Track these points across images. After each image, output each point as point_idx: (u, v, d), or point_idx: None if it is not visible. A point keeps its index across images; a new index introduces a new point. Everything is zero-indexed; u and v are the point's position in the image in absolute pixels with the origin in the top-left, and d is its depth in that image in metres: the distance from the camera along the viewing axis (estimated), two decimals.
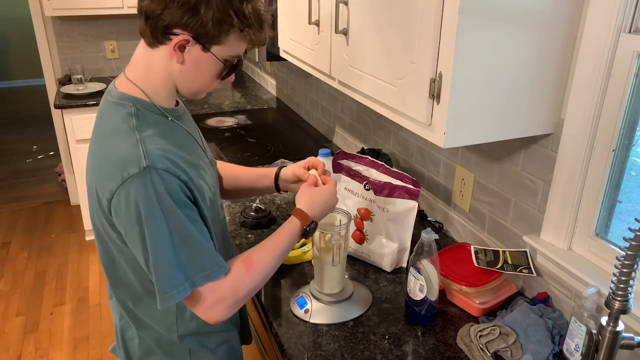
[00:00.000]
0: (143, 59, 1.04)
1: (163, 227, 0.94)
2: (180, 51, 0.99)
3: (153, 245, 0.95)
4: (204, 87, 1.07)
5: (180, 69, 1.02)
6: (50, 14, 3.32)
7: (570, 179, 1.23)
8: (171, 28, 0.97)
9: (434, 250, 1.23)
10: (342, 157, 1.59)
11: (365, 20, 1.32)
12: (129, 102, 1.02)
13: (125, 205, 0.94)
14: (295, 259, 1.51)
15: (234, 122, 2.81)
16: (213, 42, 1.00)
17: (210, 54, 1.01)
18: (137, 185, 0.93)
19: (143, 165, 0.93)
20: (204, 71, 1.03)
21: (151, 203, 0.93)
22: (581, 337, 1.11)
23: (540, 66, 1.15)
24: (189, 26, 0.96)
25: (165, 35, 0.98)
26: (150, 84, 1.04)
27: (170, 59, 1.01)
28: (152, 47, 1.01)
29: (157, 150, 0.97)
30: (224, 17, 0.97)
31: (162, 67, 1.02)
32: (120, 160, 0.95)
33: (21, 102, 6.59)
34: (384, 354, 1.20)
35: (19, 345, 2.70)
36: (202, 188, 1.05)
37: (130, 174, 0.93)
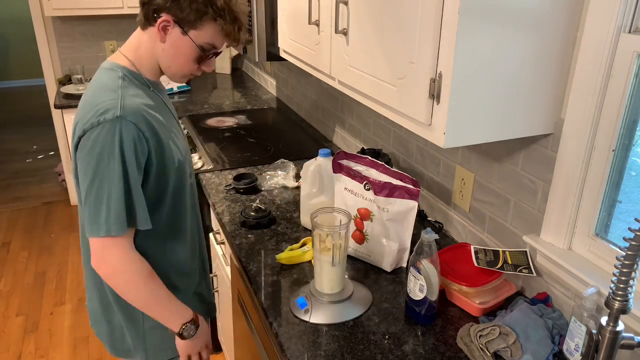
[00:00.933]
0: (135, 38, 1.27)
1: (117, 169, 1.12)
2: (163, 32, 1.20)
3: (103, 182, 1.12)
4: (181, 68, 1.26)
5: (162, 48, 1.23)
6: (50, 14, 3.33)
7: (570, 178, 1.23)
8: (158, 12, 1.19)
9: (434, 250, 1.23)
10: (342, 157, 1.59)
11: (365, 20, 1.32)
12: (119, 68, 1.24)
13: (92, 142, 1.12)
14: (296, 259, 1.51)
15: (234, 122, 2.81)
16: (190, 26, 1.20)
17: (187, 38, 1.21)
18: (106, 130, 1.11)
19: (117, 114, 1.12)
20: (181, 52, 1.23)
21: (113, 147, 1.11)
22: (581, 337, 1.11)
23: (540, 66, 1.15)
24: (171, 10, 1.18)
25: (153, 18, 1.20)
26: (138, 57, 1.26)
27: (156, 38, 1.22)
28: (144, 29, 1.24)
29: (133, 107, 1.16)
30: (199, 6, 1.17)
31: (149, 45, 1.24)
32: (100, 108, 1.13)
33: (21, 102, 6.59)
34: (384, 354, 1.20)
35: (19, 345, 2.70)
36: (171, 148, 1.25)
37: (106, 119, 1.12)
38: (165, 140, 1.23)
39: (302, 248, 1.54)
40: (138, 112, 1.16)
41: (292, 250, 1.53)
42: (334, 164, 1.57)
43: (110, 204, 1.13)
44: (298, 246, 1.56)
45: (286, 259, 1.50)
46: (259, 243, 1.63)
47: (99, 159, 1.12)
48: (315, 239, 1.28)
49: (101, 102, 1.15)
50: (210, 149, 2.40)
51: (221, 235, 1.90)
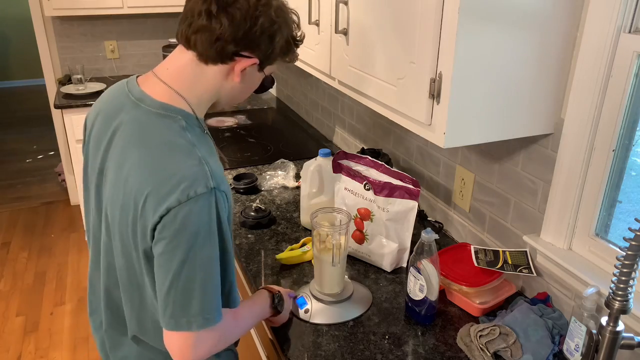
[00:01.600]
0: (191, 70, 1.00)
1: (214, 252, 0.94)
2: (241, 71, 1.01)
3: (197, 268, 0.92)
4: (242, 99, 1.11)
5: (232, 86, 1.03)
6: (50, 14, 3.32)
7: (570, 179, 1.23)
8: (240, 52, 0.98)
9: (434, 250, 1.23)
10: (342, 157, 1.59)
11: (365, 20, 1.32)
12: (178, 114, 0.98)
13: (182, 222, 0.90)
14: (296, 259, 1.51)
15: (234, 122, 2.81)
16: (269, 63, 1.04)
17: (262, 73, 1.06)
18: (201, 206, 0.90)
19: (211, 185, 0.92)
20: (252, 87, 1.09)
21: (211, 226, 0.92)
22: (581, 337, 1.11)
23: (540, 66, 1.15)
24: (261, 49, 0.99)
25: (231, 57, 0.98)
26: (196, 96, 1.01)
27: (226, 76, 1.01)
28: (207, 63, 0.99)
29: (217, 170, 0.96)
30: (288, 45, 1.03)
31: (215, 83, 1.01)
32: (186, 177, 0.91)
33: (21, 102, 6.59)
34: (384, 354, 1.20)
35: (19, 345, 2.70)
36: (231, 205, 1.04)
37: (197, 193, 0.90)
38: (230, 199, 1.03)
39: (302, 248, 1.54)
40: (222, 175, 0.96)
41: (292, 250, 1.53)
42: (333, 163, 1.57)
43: (206, 293, 0.94)
44: (298, 246, 1.56)
45: (286, 259, 1.50)
46: (259, 243, 1.63)
47: (192, 241, 0.91)
48: (315, 239, 1.29)
49: (182, 169, 0.91)
50: None
51: None
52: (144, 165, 0.94)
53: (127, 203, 0.95)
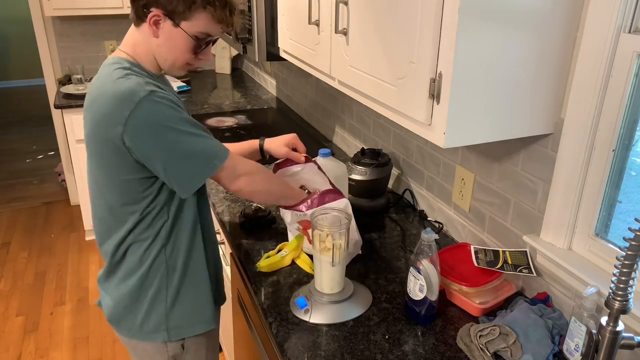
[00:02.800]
0: (131, 36, 1.26)
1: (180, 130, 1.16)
2: (155, 26, 1.20)
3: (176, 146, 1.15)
4: (178, 60, 1.25)
5: (157, 43, 1.23)
6: (50, 14, 3.33)
7: (570, 179, 1.23)
8: (148, 7, 1.18)
9: (434, 250, 1.23)
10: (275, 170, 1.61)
11: (365, 20, 1.32)
12: (123, 61, 1.23)
13: (145, 120, 1.13)
14: (276, 265, 1.50)
15: (234, 122, 2.81)
16: (181, 17, 1.19)
17: (179, 29, 1.20)
18: (148, 104, 1.13)
19: (148, 89, 1.13)
20: (176, 45, 1.22)
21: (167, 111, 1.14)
22: (581, 337, 1.11)
23: (540, 66, 1.15)
24: (160, 3, 1.17)
25: (143, 13, 1.19)
26: (138, 54, 1.26)
27: (150, 34, 1.22)
28: (137, 26, 1.24)
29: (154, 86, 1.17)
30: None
31: (144, 42, 1.24)
32: (126, 92, 1.13)
33: (21, 102, 6.59)
34: (384, 354, 1.20)
35: (19, 345, 2.70)
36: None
37: (140, 97, 1.12)
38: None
39: (279, 253, 1.53)
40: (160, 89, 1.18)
41: (269, 258, 1.52)
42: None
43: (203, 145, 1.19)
44: (275, 252, 1.55)
45: (267, 266, 1.48)
46: (258, 243, 1.63)
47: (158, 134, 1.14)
48: (315, 239, 1.28)
49: (122, 89, 1.14)
50: None
51: (221, 235, 1.90)
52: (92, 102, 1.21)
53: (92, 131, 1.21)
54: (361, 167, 1.79)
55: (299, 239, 1.55)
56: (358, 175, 1.79)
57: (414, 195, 1.90)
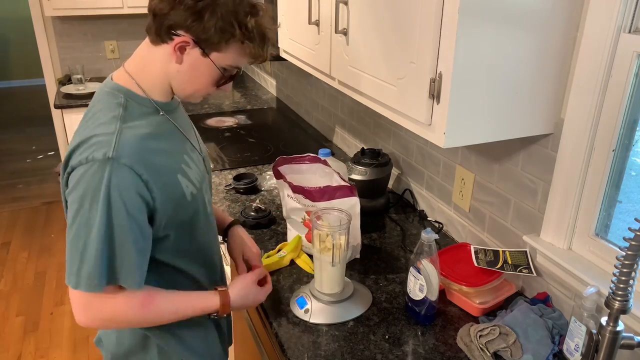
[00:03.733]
0: (144, 54, 1.07)
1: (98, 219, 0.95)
2: (180, 52, 1.02)
3: (81, 230, 0.96)
4: (198, 91, 1.10)
5: (177, 69, 1.05)
6: (50, 14, 3.33)
7: (570, 179, 1.23)
8: (175, 28, 1.00)
9: (434, 250, 1.23)
10: (281, 163, 1.58)
11: (365, 20, 1.32)
12: (121, 93, 1.05)
13: (76, 182, 0.97)
14: (274, 266, 1.50)
15: (234, 122, 2.81)
16: (213, 48, 1.02)
17: (208, 60, 1.04)
18: (93, 171, 0.95)
19: (108, 155, 0.96)
20: (200, 75, 1.06)
21: (98, 192, 0.95)
22: (581, 337, 1.11)
23: (540, 66, 1.15)
24: (192, 29, 1.00)
25: (168, 35, 1.01)
26: (146, 78, 1.07)
27: (170, 58, 1.04)
28: (155, 44, 1.04)
29: (131, 144, 0.99)
30: (226, 27, 0.99)
31: (161, 65, 1.05)
32: (93, 143, 0.98)
33: (21, 102, 6.59)
34: (384, 354, 1.20)
35: (19, 345, 2.70)
36: (178, 184, 1.07)
37: (94, 158, 0.96)
38: (172, 177, 1.07)
39: (278, 253, 1.53)
40: (136, 150, 0.99)
41: (269, 257, 1.52)
42: (274, 170, 1.56)
43: (84, 258, 0.97)
44: (274, 252, 1.55)
45: (266, 266, 1.47)
46: (259, 243, 1.63)
47: (80, 203, 0.96)
48: (315, 239, 1.28)
49: (94, 134, 0.99)
50: (210, 149, 2.40)
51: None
52: (78, 129, 1.05)
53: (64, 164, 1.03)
54: (361, 167, 1.79)
55: (298, 239, 1.55)
56: (358, 175, 1.78)
57: (414, 195, 1.90)
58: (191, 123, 1.26)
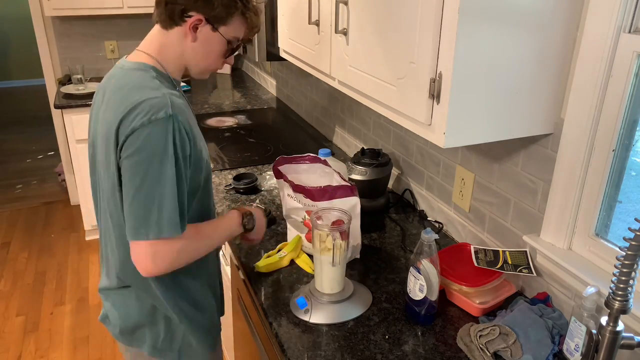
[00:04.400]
0: (158, 38, 1.21)
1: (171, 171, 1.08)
2: (194, 31, 1.18)
3: (155, 184, 1.07)
4: (210, 65, 1.25)
5: (192, 47, 1.21)
6: (50, 14, 3.33)
7: (570, 179, 1.23)
8: (187, 11, 1.16)
9: (434, 250, 1.23)
10: (281, 162, 1.58)
11: (365, 20, 1.32)
12: (149, 68, 1.19)
13: (143, 141, 1.06)
14: (274, 266, 1.50)
15: (234, 122, 2.81)
16: (221, 22, 1.20)
17: (218, 34, 1.20)
18: (160, 129, 1.07)
19: (169, 112, 1.08)
20: (212, 49, 1.22)
21: (167, 149, 1.07)
22: (581, 337, 1.12)
23: (540, 66, 1.15)
24: (201, 9, 1.16)
25: (181, 18, 1.17)
26: (165, 58, 1.22)
27: (185, 38, 1.19)
28: (167, 29, 1.20)
29: (178, 105, 1.12)
30: (229, 1, 1.18)
31: (177, 45, 1.21)
32: (149, 105, 1.08)
33: (21, 102, 6.59)
34: (384, 354, 1.20)
35: (19, 345, 2.70)
36: (203, 147, 1.24)
37: (158, 117, 1.07)
38: (199, 140, 1.21)
39: (278, 254, 1.53)
40: (183, 111, 1.13)
41: (269, 257, 1.52)
42: (274, 170, 1.56)
43: (163, 206, 1.08)
44: (275, 252, 1.55)
45: (265, 266, 1.48)
46: (259, 243, 1.63)
47: (151, 159, 1.06)
48: (315, 239, 1.28)
49: (146, 99, 1.09)
50: (210, 149, 2.40)
51: None
52: (119, 102, 1.12)
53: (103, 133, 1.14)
54: (361, 167, 1.79)
55: (298, 239, 1.55)
56: (358, 175, 1.79)
57: (414, 195, 1.90)
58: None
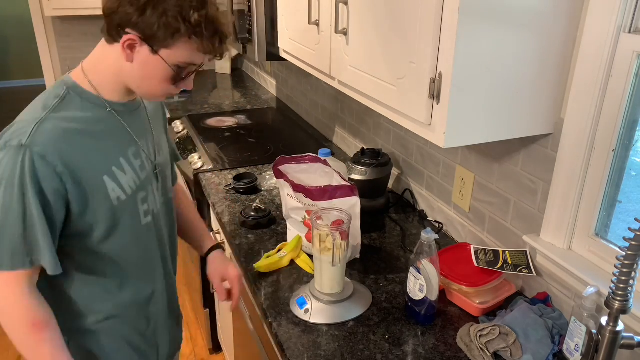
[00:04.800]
0: (98, 52, 1.08)
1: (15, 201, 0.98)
2: (129, 50, 1.02)
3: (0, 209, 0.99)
4: (154, 89, 1.08)
5: (130, 67, 1.05)
6: (50, 14, 3.33)
7: (570, 179, 1.23)
8: (123, 27, 1.00)
9: (434, 250, 1.23)
10: (281, 162, 1.58)
11: (365, 20, 1.32)
12: (65, 86, 1.07)
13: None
14: (274, 266, 1.50)
15: (234, 122, 2.81)
16: (161, 45, 1.01)
17: (158, 57, 1.02)
18: (10, 157, 0.97)
19: (23, 142, 0.97)
20: (152, 73, 1.05)
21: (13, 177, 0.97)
22: (581, 337, 1.11)
23: (540, 66, 1.15)
24: (138, 26, 0.99)
25: (118, 33, 1.01)
26: (98, 75, 1.08)
27: (122, 56, 1.03)
28: (109, 43, 1.05)
29: (50, 133, 1.00)
30: (170, 22, 0.98)
31: (113, 63, 1.06)
32: (14, 130, 1.00)
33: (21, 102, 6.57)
34: (384, 354, 1.20)
35: None
36: (102, 185, 1.07)
37: (11, 144, 0.98)
38: (95, 176, 1.06)
39: (278, 254, 1.53)
40: (54, 141, 1.00)
41: (269, 257, 1.52)
42: (274, 170, 1.56)
43: (4, 236, 0.99)
44: (274, 252, 1.55)
45: (265, 266, 1.48)
46: (259, 243, 1.63)
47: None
48: (315, 239, 1.28)
49: (17, 122, 1.02)
50: (210, 149, 2.40)
51: (221, 235, 1.90)
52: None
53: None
54: (361, 167, 1.79)
55: (298, 239, 1.55)
56: (358, 175, 1.79)
57: (414, 195, 1.90)
58: (152, 129, 1.24)
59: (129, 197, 1.13)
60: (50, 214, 1.01)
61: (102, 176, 1.07)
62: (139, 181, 1.16)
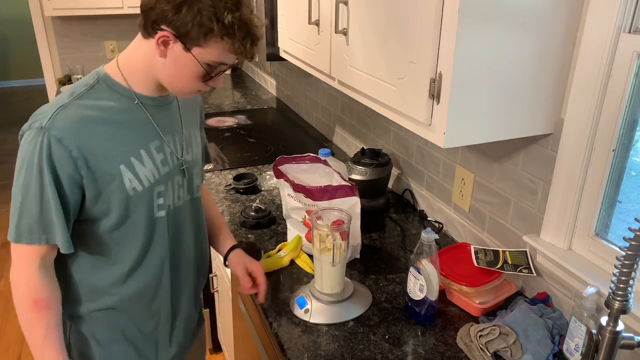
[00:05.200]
0: (134, 46, 1.12)
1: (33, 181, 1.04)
2: (163, 46, 1.05)
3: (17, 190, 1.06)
4: (185, 86, 1.10)
5: (162, 63, 1.08)
6: (50, 14, 3.33)
7: (570, 179, 1.23)
8: (158, 23, 1.03)
9: (434, 250, 1.23)
10: (282, 162, 1.58)
11: (365, 20, 1.32)
12: (97, 76, 1.11)
13: (20, 147, 1.07)
14: (274, 265, 1.50)
15: (234, 122, 2.81)
16: (194, 43, 1.03)
17: (190, 55, 1.05)
18: (31, 138, 1.03)
19: (43, 124, 1.02)
20: (183, 70, 1.07)
21: (33, 158, 1.03)
22: (581, 337, 1.11)
23: (540, 66, 1.15)
24: (173, 24, 1.02)
25: (153, 29, 1.04)
26: (131, 68, 1.11)
27: (155, 52, 1.07)
28: (145, 38, 1.08)
29: (69, 119, 1.04)
30: (203, 21, 1.00)
31: (146, 57, 1.09)
32: (38, 113, 1.06)
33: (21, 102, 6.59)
34: (384, 354, 1.20)
35: (19, 345, 2.70)
36: (117, 174, 1.09)
37: (33, 126, 1.03)
38: (112, 164, 1.08)
39: (278, 253, 1.53)
40: (72, 127, 1.03)
41: (269, 257, 1.52)
42: (274, 170, 1.56)
43: (23, 213, 1.05)
44: (275, 252, 1.55)
45: (265, 266, 1.47)
46: (259, 243, 1.63)
47: (21, 164, 1.06)
48: (315, 239, 1.28)
49: (47, 105, 1.08)
50: (210, 149, 2.40)
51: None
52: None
53: None
54: (361, 167, 1.79)
55: (298, 239, 1.55)
56: (358, 175, 1.79)
57: (414, 195, 1.90)
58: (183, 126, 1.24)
59: (145, 189, 1.14)
60: (64, 195, 1.05)
61: (119, 165, 1.09)
62: (158, 175, 1.17)
